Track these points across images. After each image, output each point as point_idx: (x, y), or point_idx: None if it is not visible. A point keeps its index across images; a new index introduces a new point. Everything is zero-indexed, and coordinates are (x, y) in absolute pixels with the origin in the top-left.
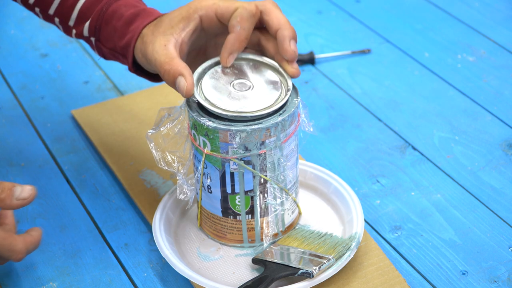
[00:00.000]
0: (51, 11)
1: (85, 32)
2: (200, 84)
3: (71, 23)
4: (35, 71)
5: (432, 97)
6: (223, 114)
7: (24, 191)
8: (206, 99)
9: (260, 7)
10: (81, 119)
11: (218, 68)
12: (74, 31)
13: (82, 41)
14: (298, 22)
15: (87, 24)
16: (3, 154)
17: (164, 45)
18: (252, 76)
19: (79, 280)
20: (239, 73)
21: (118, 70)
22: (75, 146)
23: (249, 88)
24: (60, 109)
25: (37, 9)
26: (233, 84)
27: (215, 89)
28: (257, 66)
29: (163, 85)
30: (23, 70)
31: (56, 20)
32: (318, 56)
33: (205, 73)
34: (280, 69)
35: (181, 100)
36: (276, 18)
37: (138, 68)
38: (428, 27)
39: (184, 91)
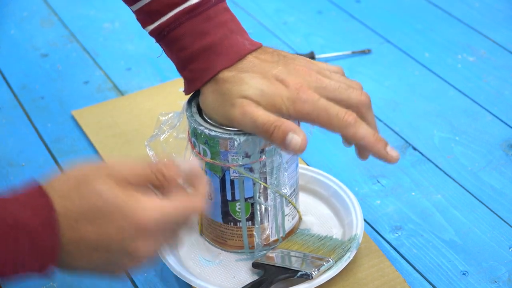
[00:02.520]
0: None
1: (147, 31)
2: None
3: (133, 8)
4: (35, 71)
5: (432, 97)
6: (224, 132)
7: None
8: (206, 120)
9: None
10: (82, 120)
11: None
12: (135, 15)
13: (82, 41)
14: (298, 22)
15: (148, 28)
16: (3, 154)
17: None
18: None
19: (79, 280)
20: None
21: (118, 70)
22: (75, 146)
23: None
24: (60, 109)
25: None
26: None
27: None
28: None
29: (163, 85)
30: (23, 70)
31: None
32: (318, 56)
33: None
34: None
35: (181, 102)
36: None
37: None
38: (428, 27)
39: (298, 146)
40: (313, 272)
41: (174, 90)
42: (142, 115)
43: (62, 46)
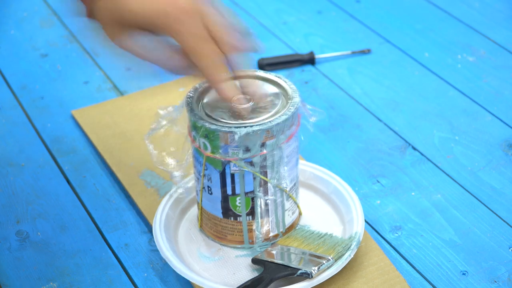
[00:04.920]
0: None
1: None
2: (201, 101)
3: None
4: (35, 71)
5: (432, 97)
6: (224, 126)
7: None
8: (208, 115)
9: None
10: (81, 119)
11: None
12: None
13: (82, 41)
14: (298, 22)
15: None
16: (3, 154)
17: None
18: (253, 90)
19: (79, 280)
20: (240, 90)
21: (118, 70)
22: (75, 146)
23: (250, 101)
24: (60, 109)
25: None
26: (234, 100)
27: (217, 106)
28: (257, 81)
29: (163, 85)
30: (23, 70)
31: None
32: (318, 56)
33: (207, 90)
34: (279, 81)
35: (180, 101)
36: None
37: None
38: (428, 27)
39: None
40: (313, 271)
41: (174, 90)
42: (142, 115)
43: (62, 46)
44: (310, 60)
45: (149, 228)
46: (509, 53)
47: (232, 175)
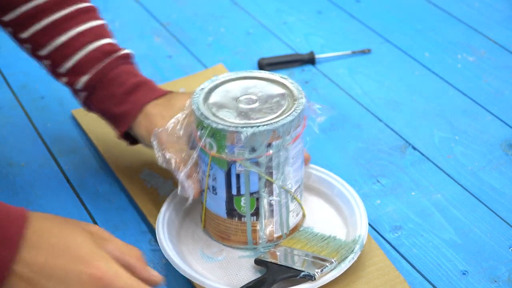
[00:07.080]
0: (43, 52)
1: (79, 85)
2: (208, 101)
3: (62, 70)
4: (35, 71)
5: (432, 97)
6: (231, 126)
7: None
8: (214, 114)
9: None
10: (81, 118)
11: (224, 86)
12: (65, 78)
13: None
14: (298, 22)
15: (84, 78)
16: (3, 154)
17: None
18: (258, 91)
19: None
20: (246, 90)
21: None
22: (75, 146)
23: (256, 102)
24: (60, 109)
25: (27, 46)
26: (240, 100)
27: (223, 106)
28: (262, 82)
29: (163, 85)
30: (23, 70)
31: (46, 62)
32: (318, 56)
33: (213, 90)
34: (285, 82)
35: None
36: None
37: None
38: (428, 27)
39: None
40: (316, 273)
41: (174, 90)
42: None
43: None
44: (310, 60)
45: (149, 228)
46: (509, 53)
47: (238, 175)
